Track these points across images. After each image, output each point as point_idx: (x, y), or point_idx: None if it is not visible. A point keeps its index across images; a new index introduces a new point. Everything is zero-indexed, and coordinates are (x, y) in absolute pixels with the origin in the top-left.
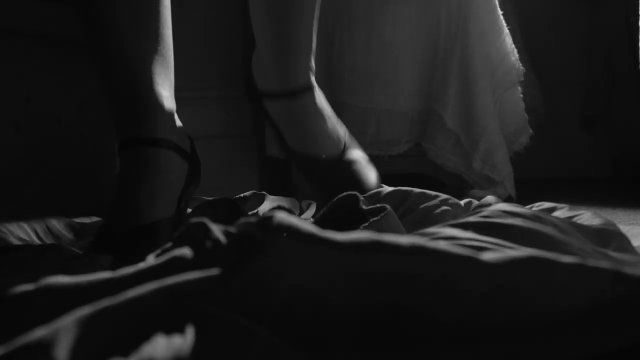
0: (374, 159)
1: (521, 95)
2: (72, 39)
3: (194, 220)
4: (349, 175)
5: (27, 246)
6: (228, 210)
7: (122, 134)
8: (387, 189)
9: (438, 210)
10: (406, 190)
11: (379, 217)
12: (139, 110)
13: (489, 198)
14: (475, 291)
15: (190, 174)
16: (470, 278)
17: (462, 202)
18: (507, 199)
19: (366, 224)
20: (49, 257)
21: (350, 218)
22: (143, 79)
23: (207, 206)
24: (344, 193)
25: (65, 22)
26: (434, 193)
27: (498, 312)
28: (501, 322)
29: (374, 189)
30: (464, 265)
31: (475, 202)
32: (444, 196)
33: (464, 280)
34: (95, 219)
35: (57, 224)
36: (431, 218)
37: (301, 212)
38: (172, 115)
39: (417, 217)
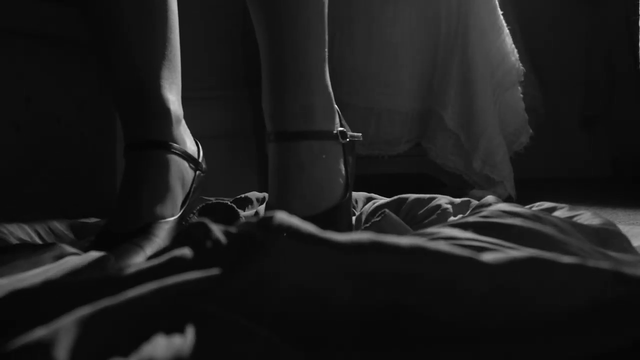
0: (374, 159)
1: (521, 95)
2: (72, 39)
3: (194, 220)
4: None
5: (27, 245)
6: (227, 213)
7: (128, 136)
8: (381, 200)
9: (437, 214)
10: (400, 198)
11: (379, 218)
12: (146, 114)
13: (489, 198)
14: (475, 291)
15: (197, 179)
16: (470, 278)
17: (459, 201)
18: (507, 199)
19: (367, 225)
20: (49, 256)
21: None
22: (151, 83)
23: (207, 208)
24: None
25: (65, 22)
26: (427, 196)
27: (498, 312)
28: (501, 322)
29: None
30: (464, 266)
31: (474, 202)
32: (438, 197)
33: (464, 280)
34: (94, 219)
35: (59, 225)
36: (430, 221)
37: None
38: (179, 120)
39: (416, 222)
